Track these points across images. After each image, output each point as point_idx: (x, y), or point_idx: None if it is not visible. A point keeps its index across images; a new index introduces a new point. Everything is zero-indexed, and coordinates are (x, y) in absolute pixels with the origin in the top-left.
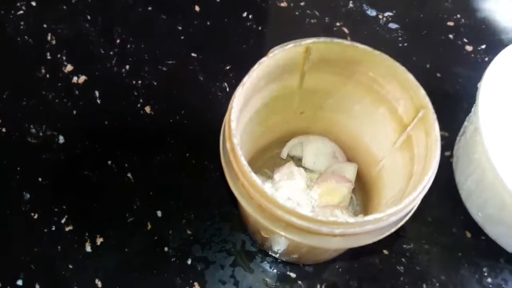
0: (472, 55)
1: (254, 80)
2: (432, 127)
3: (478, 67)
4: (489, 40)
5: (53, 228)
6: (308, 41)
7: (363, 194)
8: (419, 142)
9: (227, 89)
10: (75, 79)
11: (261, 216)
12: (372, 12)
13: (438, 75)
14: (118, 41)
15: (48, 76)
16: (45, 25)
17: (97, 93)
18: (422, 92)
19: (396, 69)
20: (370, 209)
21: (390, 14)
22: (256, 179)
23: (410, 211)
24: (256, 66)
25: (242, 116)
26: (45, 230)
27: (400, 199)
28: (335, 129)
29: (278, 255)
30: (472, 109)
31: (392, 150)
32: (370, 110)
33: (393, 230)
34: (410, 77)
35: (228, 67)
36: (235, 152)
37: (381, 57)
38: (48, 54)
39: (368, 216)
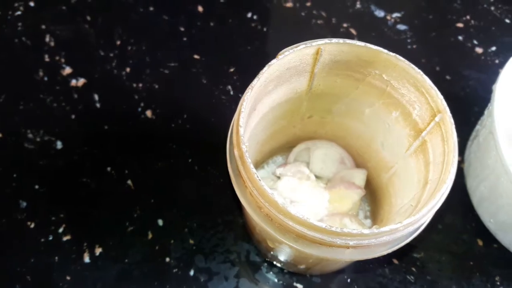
0: (482, 57)
1: (263, 83)
2: (449, 132)
3: (488, 70)
4: (499, 42)
5: (50, 238)
6: (320, 42)
7: (372, 201)
8: (435, 147)
9: (231, 92)
10: (74, 82)
11: (269, 226)
12: (380, 13)
13: (448, 77)
14: (118, 42)
15: (46, 79)
16: (43, 26)
17: (96, 97)
18: (439, 95)
19: (411, 72)
20: (380, 216)
21: (398, 15)
22: (266, 188)
23: (426, 220)
24: (265, 68)
25: (250, 121)
26: (42, 240)
27: (415, 207)
28: (343, 134)
29: (284, 265)
30: (485, 112)
31: (405, 156)
32: (382, 114)
33: (408, 240)
34: (427, 80)
35: (232, 70)
36: (243, 160)
37: (396, 59)
38: (46, 56)
39: (385, 227)
